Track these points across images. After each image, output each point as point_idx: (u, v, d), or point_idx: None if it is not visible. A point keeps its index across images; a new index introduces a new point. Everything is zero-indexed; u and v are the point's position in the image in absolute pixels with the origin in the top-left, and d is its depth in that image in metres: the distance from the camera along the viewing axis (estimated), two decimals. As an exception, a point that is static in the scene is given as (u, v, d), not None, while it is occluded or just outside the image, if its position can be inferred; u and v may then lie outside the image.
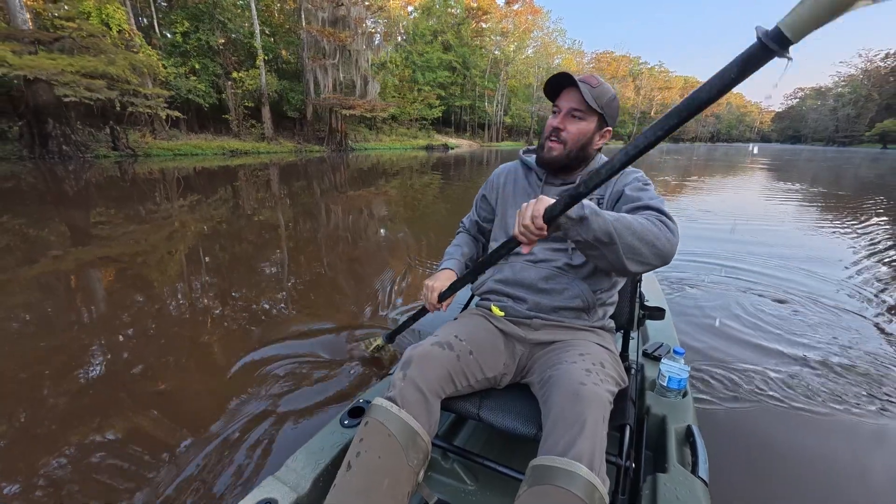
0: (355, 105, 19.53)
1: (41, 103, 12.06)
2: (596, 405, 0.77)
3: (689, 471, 0.93)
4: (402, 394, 0.84)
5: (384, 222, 5.37)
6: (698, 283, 3.02)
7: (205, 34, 18.51)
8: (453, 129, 40.49)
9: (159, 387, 1.74)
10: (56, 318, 2.39)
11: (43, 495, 1.22)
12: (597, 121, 1.02)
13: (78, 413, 1.57)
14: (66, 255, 3.59)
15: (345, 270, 3.38)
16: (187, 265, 3.47)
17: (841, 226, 5.45)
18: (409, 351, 0.92)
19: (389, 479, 0.76)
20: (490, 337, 1.03)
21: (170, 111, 14.87)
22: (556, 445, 0.73)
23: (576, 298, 1.02)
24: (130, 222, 4.89)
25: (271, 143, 19.60)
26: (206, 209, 5.93)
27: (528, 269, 1.06)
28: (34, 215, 5.19)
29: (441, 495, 1.06)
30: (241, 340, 2.14)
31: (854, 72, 66.87)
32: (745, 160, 23.55)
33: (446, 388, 0.90)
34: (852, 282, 3.14)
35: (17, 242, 3.97)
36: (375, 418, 0.81)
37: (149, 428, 1.49)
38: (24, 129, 12.23)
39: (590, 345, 0.97)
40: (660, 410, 1.15)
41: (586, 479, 0.68)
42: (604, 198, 1.05)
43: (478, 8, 38.65)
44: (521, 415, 0.92)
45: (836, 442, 1.48)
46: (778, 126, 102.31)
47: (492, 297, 1.12)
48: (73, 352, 2.02)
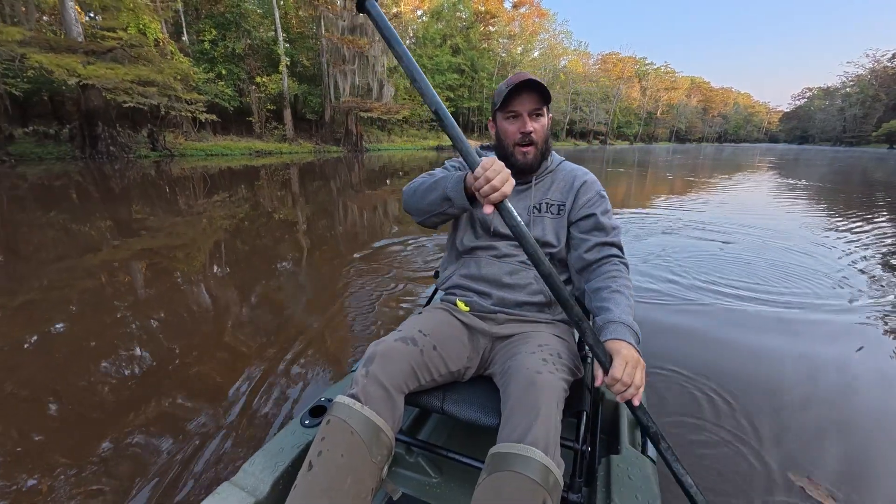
0: (373, 108, 20.69)
1: (92, 108, 13.23)
2: (550, 393, 0.79)
3: (639, 451, 0.99)
4: (364, 390, 0.84)
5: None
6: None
7: (231, 41, 19.68)
8: (461, 129, 41.39)
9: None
10: (117, 298, 2.75)
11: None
12: (546, 111, 1.06)
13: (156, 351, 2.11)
14: (133, 242, 4.21)
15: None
16: (249, 250, 4.46)
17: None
18: (371, 347, 0.92)
19: (353, 477, 0.76)
20: (454, 331, 1.03)
21: (207, 114, 16.02)
22: (512, 432, 0.75)
23: (538, 294, 1.05)
24: (186, 214, 5.78)
25: (292, 144, 20.74)
26: (266, 200, 6.95)
27: (493, 263, 1.08)
28: (98, 208, 5.95)
29: (406, 489, 1.07)
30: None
31: (862, 72, 66.88)
32: (754, 160, 24.14)
33: (410, 383, 0.90)
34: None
35: (87, 231, 4.59)
36: (337, 416, 0.80)
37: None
38: (76, 131, 13.41)
39: (548, 336, 1.00)
40: (613, 396, 1.21)
41: (541, 462, 0.70)
42: (564, 205, 1.09)
43: (486, 11, 39.57)
44: (484, 406, 0.94)
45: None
46: (786, 126, 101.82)
47: (457, 292, 1.13)
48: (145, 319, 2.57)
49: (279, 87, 20.41)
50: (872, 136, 60.44)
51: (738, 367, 1.96)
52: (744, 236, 4.59)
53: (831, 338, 2.28)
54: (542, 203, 1.09)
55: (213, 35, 19.46)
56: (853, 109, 67.93)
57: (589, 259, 1.04)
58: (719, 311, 2.60)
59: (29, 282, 3.02)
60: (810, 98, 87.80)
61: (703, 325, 2.40)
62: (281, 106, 21.05)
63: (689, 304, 2.69)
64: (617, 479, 0.90)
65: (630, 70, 69.22)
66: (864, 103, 65.80)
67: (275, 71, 20.74)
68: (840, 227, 5.25)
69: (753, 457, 1.42)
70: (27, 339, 2.21)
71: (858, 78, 67.61)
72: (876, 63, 63.76)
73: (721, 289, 2.96)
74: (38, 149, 13.02)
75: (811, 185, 10.63)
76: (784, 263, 3.57)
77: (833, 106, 75.08)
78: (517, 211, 0.96)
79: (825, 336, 2.31)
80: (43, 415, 1.62)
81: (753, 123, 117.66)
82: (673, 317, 2.49)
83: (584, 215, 1.06)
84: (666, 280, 3.12)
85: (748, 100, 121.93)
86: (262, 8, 20.69)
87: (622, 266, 1.01)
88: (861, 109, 66.41)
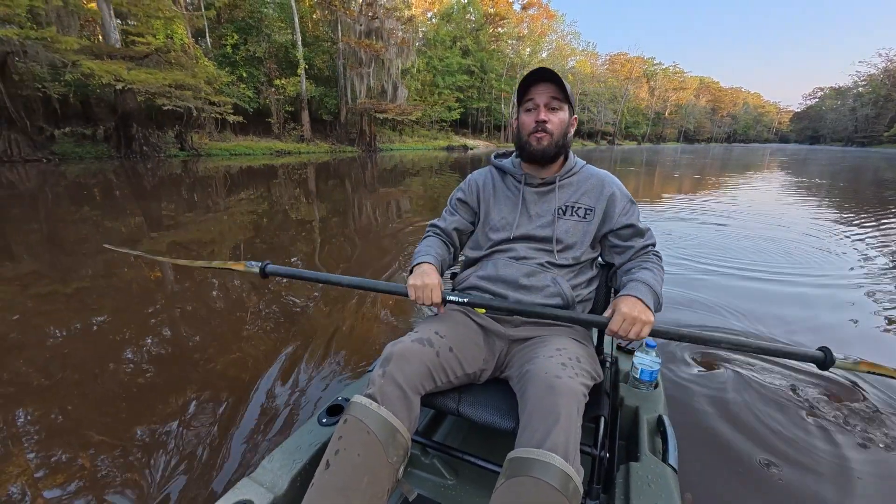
0: (388, 109, 21.43)
1: (127, 110, 14.05)
2: (570, 398, 0.79)
3: (659, 459, 0.97)
4: (381, 390, 0.84)
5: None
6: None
7: (252, 46, 20.47)
8: (470, 130, 41.98)
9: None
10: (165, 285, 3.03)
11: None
12: (567, 110, 1.07)
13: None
14: (191, 225, 5.13)
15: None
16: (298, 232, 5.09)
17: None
18: (388, 348, 0.92)
19: (369, 477, 0.77)
20: (470, 333, 1.04)
21: (234, 116, 16.83)
22: (531, 437, 0.75)
23: (556, 296, 1.04)
24: (220, 207, 6.54)
25: (309, 144, 21.51)
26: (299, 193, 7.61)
27: (511, 265, 1.08)
28: (138, 204, 6.47)
29: (421, 491, 1.08)
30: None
31: (874, 71, 66.23)
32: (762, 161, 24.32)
33: (426, 384, 0.91)
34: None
35: (133, 222, 5.10)
36: (354, 416, 0.81)
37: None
38: (112, 132, 14.24)
39: (567, 340, 1.00)
40: (633, 402, 1.19)
41: (561, 469, 0.70)
42: (593, 210, 1.10)
43: (495, 13, 40.08)
44: (500, 409, 0.94)
45: (794, 425, 1.60)
46: (796, 126, 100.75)
47: (473, 294, 1.12)
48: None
49: (297, 89, 21.18)
50: (884, 137, 59.85)
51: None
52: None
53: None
54: (567, 206, 1.11)
55: (235, 39, 20.26)
56: (865, 109, 67.26)
57: (632, 258, 1.12)
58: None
59: (81, 270, 3.31)
60: (821, 98, 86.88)
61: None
62: (298, 107, 21.83)
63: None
64: (636, 487, 0.89)
65: (638, 70, 69.19)
66: (876, 103, 65.11)
67: (292, 73, 21.50)
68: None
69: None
70: (79, 324, 2.41)
71: (871, 77, 66.93)
72: (889, 63, 63.07)
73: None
74: (78, 148, 13.87)
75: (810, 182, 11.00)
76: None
77: (844, 106, 74.34)
78: (541, 212, 1.09)
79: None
80: (93, 397, 1.71)
81: (763, 123, 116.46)
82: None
83: (623, 224, 1.10)
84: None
85: (758, 99, 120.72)
86: (282, 13, 21.44)
87: (655, 257, 1.09)
88: (873, 109, 65.72)
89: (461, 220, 1.23)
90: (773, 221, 5.55)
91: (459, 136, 38.15)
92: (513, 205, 1.14)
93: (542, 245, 1.09)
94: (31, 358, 2.00)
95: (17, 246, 3.96)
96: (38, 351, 2.07)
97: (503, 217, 1.14)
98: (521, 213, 1.12)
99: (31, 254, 3.75)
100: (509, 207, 1.15)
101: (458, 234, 1.23)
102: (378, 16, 20.57)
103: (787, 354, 0.83)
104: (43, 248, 3.94)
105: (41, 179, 9.03)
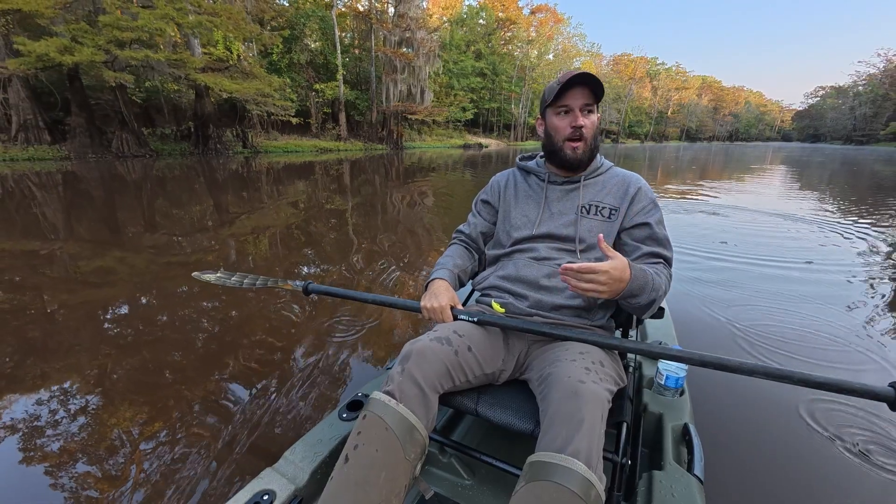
0: (417, 111, 23.95)
1: (204, 113, 16.52)
2: (594, 403, 0.78)
3: (684, 468, 0.95)
4: (400, 388, 0.85)
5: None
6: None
7: (296, 54, 22.92)
8: (482, 129, 44.20)
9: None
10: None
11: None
12: (596, 110, 1.06)
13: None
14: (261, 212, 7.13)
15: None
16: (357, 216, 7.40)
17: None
18: (407, 346, 0.93)
19: (386, 473, 0.77)
20: (489, 333, 1.03)
21: (294, 118, 19.43)
22: (553, 442, 0.74)
23: (576, 297, 1.03)
24: (290, 194, 8.75)
25: (345, 143, 24.01)
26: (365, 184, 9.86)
27: (531, 266, 1.08)
28: (225, 192, 7.92)
29: (438, 489, 1.09)
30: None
31: (874, 71, 67.80)
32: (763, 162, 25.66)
33: (444, 383, 0.91)
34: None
35: (223, 206, 6.28)
36: (373, 412, 0.82)
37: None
38: (193, 132, 16.76)
39: (589, 344, 0.96)
40: (657, 408, 1.17)
41: (583, 475, 0.69)
42: (617, 210, 1.08)
43: (506, 18, 42.21)
44: (519, 411, 0.93)
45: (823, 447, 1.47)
46: (798, 125, 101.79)
47: (493, 293, 1.12)
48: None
49: (335, 92, 23.64)
50: (881, 135, 61.49)
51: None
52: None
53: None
54: (590, 204, 1.09)
55: (281, 48, 22.69)
56: (863, 108, 68.91)
57: (638, 260, 1.04)
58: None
59: (186, 247, 4.01)
60: (823, 97, 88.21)
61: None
62: (336, 109, 24.32)
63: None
64: (659, 497, 0.87)
65: (641, 70, 70.97)
66: (874, 102, 66.76)
67: (331, 79, 23.96)
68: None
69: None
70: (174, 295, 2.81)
71: (870, 77, 68.49)
72: (888, 62, 64.64)
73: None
74: (165, 146, 16.39)
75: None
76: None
77: (844, 105, 75.88)
78: (563, 209, 1.11)
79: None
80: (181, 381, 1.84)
81: (765, 122, 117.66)
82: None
83: (638, 223, 1.06)
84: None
85: (760, 98, 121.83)
86: (322, 24, 23.90)
87: (665, 269, 1.01)
88: (871, 108, 67.39)
89: (485, 222, 1.26)
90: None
91: (472, 135, 40.41)
92: (535, 202, 1.15)
93: (564, 245, 1.08)
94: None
95: (155, 218, 5.30)
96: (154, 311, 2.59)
97: (525, 214, 1.15)
98: (543, 210, 1.12)
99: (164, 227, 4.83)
100: (531, 205, 1.15)
101: (484, 237, 1.27)
102: (410, 27, 23.09)
103: (848, 391, 0.72)
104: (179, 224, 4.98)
105: (152, 171, 10.98)
